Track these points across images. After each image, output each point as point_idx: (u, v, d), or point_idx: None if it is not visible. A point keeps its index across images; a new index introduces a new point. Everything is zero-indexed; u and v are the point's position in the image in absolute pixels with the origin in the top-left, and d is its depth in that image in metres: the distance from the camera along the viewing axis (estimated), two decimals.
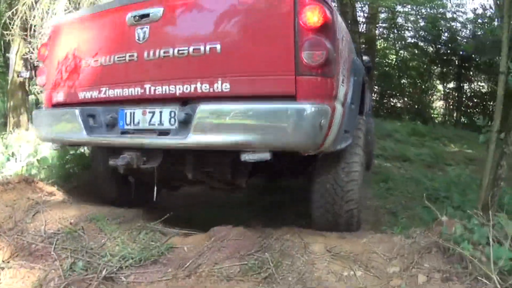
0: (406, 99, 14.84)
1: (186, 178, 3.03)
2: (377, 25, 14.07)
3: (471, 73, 14.21)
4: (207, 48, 2.40)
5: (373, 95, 12.85)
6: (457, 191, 5.31)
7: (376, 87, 14.45)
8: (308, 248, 2.70)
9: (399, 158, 8.29)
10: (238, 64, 2.36)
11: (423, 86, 15.42)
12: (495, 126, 2.51)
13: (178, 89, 2.49)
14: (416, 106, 14.96)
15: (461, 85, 14.15)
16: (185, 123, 2.45)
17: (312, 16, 2.24)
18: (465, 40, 12.83)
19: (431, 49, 14.66)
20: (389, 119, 12.75)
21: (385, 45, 16.65)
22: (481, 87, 14.57)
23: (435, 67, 15.12)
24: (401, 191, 5.88)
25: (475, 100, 14.42)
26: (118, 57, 2.67)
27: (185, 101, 2.53)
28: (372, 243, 2.74)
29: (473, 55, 13.34)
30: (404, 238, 2.73)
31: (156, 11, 2.55)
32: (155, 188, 3.03)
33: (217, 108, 2.35)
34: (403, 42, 15.46)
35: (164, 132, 2.57)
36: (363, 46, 12.74)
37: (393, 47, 16.02)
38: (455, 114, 14.81)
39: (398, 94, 15.21)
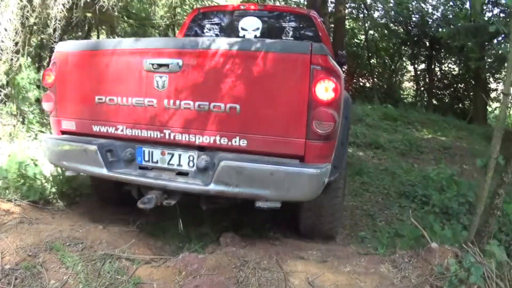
0: (375, 79, 14.68)
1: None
2: (346, 5, 13.70)
3: (442, 55, 14.10)
4: (227, 107, 2.63)
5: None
6: (434, 188, 5.18)
7: (345, 66, 14.22)
8: (289, 281, 2.48)
9: (372, 146, 8.13)
10: (255, 124, 2.62)
11: (393, 67, 15.26)
12: (494, 152, 2.30)
13: (198, 139, 2.72)
14: (385, 87, 14.84)
15: (432, 67, 14.02)
16: (204, 169, 2.75)
17: (325, 92, 2.51)
18: (436, 23, 12.64)
19: (402, 30, 14.45)
20: (358, 100, 12.56)
21: (354, 25, 16.37)
22: (451, 70, 14.51)
23: (406, 48, 14.97)
24: (376, 186, 5.74)
25: (445, 82, 14.37)
26: (136, 101, 2.83)
27: (203, 147, 2.77)
28: (358, 274, 2.54)
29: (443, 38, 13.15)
30: (391, 268, 2.54)
31: (175, 62, 2.70)
32: (180, 220, 3.19)
33: (239, 165, 2.59)
34: (372, 23, 15.19)
35: (182, 173, 2.83)
36: (332, 26, 12.40)
37: (362, 27, 15.75)
38: (425, 96, 14.75)
39: (367, 75, 15.03)
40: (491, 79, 12.82)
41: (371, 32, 15.45)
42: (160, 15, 13.07)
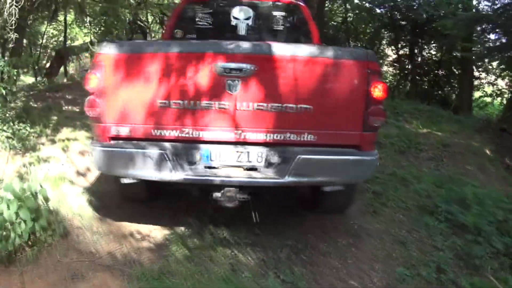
0: None
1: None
2: None
3: (424, 40, 13.59)
4: (299, 107, 2.92)
5: None
6: (454, 200, 4.76)
7: None
8: None
9: None
10: (323, 121, 2.96)
11: (376, 53, 14.62)
12: None
13: (268, 136, 2.95)
14: None
15: (414, 52, 13.49)
16: (273, 164, 2.96)
17: (378, 92, 2.94)
18: (422, 8, 12.00)
19: (382, 13, 13.85)
20: None
21: (331, 6, 15.56)
22: (432, 56, 14.06)
23: (386, 32, 14.34)
24: (392, 198, 5.18)
25: (425, 68, 13.92)
26: (206, 103, 2.89)
27: (272, 144, 2.98)
28: None
29: (427, 23, 12.66)
30: None
31: (249, 67, 2.84)
32: (253, 213, 3.47)
33: (314, 158, 2.93)
34: (353, 5, 14.48)
35: (252, 168, 3.01)
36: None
37: (340, 9, 14.96)
38: (404, 83, 14.28)
39: None
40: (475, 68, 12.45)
41: (350, 14, 14.63)
42: None
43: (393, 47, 14.24)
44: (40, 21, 15.52)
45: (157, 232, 3.84)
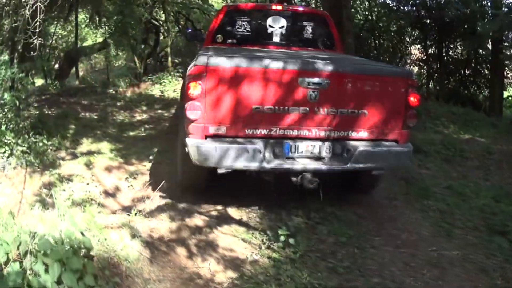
0: None
1: None
2: None
3: (450, 39, 12.95)
4: (359, 112, 3.80)
5: None
6: None
7: None
8: None
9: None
10: (374, 122, 3.85)
11: (401, 52, 14.01)
12: None
13: (335, 133, 3.79)
14: None
15: (442, 51, 12.84)
16: (337, 154, 3.80)
17: (414, 99, 3.86)
18: (451, 6, 11.40)
19: (409, 11, 13.25)
20: None
21: (353, 3, 14.87)
22: (459, 55, 13.43)
23: (410, 31, 13.74)
24: (457, 217, 4.67)
25: (451, 68, 13.29)
26: (291, 108, 3.64)
27: (337, 139, 3.81)
28: None
29: (454, 21, 12.05)
30: None
31: (326, 81, 3.65)
32: (321, 192, 4.10)
33: (368, 149, 3.80)
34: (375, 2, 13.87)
35: (320, 158, 3.81)
36: None
37: (362, 7, 14.35)
38: (433, 83, 13.63)
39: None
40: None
41: (373, 11, 13.99)
42: None
43: (419, 46, 13.56)
44: (49, 22, 15.06)
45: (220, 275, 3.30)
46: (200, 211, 4.34)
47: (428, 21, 12.85)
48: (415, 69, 14.38)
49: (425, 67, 13.84)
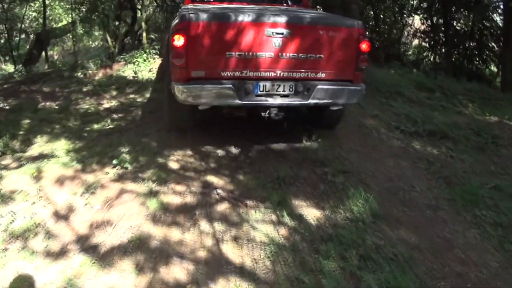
0: (380, 37, 11.84)
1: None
2: None
3: (456, 9, 11.50)
4: (316, 56, 4.18)
5: None
6: None
7: None
8: None
9: (437, 136, 5.69)
10: (330, 65, 4.23)
11: (402, 22, 12.51)
12: None
13: (296, 74, 4.17)
14: (394, 46, 12.10)
15: (448, 21, 11.37)
16: (299, 92, 4.22)
17: (365, 46, 4.25)
18: None
19: None
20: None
21: None
22: (462, 26, 12.01)
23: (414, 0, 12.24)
24: None
25: (455, 40, 11.88)
26: (259, 54, 4.05)
27: (299, 79, 4.20)
28: None
29: None
30: None
31: (287, 31, 4.04)
32: (285, 124, 5.04)
33: (325, 87, 4.21)
34: None
35: (284, 95, 4.23)
36: None
37: None
38: (435, 55, 12.23)
39: (372, 31, 12.15)
40: None
41: None
42: None
43: (421, 16, 12.07)
44: (18, 3, 13.26)
45: None
46: (179, 253, 2.96)
47: None
48: (415, 41, 12.93)
49: (426, 39, 12.36)
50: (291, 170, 4.31)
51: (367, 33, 4.48)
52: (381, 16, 12.25)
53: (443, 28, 11.77)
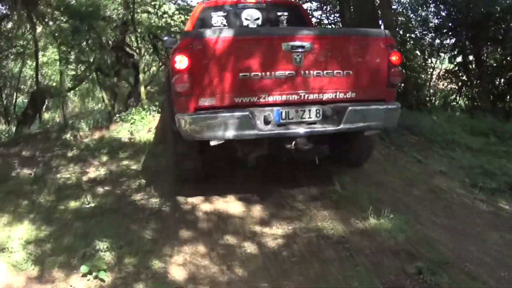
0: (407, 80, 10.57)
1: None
2: None
3: (479, 44, 10.28)
4: (344, 72, 3.57)
5: None
6: None
7: None
8: None
9: None
10: (360, 82, 3.62)
11: (429, 63, 11.23)
12: None
13: (323, 96, 3.56)
14: (422, 90, 10.76)
15: (480, 57, 10.10)
16: (326, 117, 3.58)
17: (396, 58, 3.68)
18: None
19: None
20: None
21: None
22: (492, 61, 10.73)
23: (439, 39, 11.06)
24: None
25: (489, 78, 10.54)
26: (277, 74, 3.43)
27: (324, 102, 3.59)
28: None
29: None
30: None
31: (308, 44, 3.45)
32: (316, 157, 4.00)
33: (357, 109, 3.54)
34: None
35: (311, 122, 3.57)
36: None
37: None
38: (463, 98, 10.92)
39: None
40: None
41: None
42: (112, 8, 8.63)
43: (449, 55, 10.80)
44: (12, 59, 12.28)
45: None
46: None
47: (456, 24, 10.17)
48: (441, 84, 11.59)
49: (454, 79, 11.04)
50: (367, 274, 2.72)
51: (394, 42, 3.86)
52: (403, 58, 10.92)
53: (472, 66, 10.52)
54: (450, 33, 10.64)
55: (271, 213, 3.59)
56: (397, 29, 10.00)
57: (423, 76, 11.28)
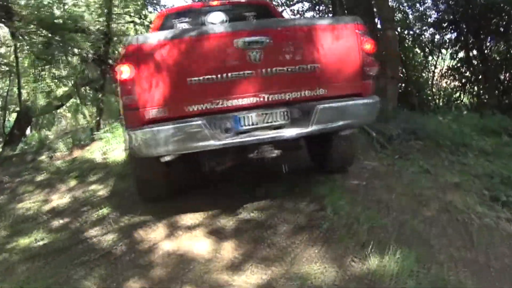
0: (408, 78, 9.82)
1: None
2: None
3: (482, 38, 9.58)
4: (310, 67, 3.13)
5: None
6: None
7: None
8: None
9: None
10: (330, 76, 3.18)
11: (432, 60, 10.54)
12: None
13: (288, 95, 3.11)
14: (424, 89, 10.04)
15: (484, 51, 9.41)
16: (294, 119, 3.14)
17: (369, 45, 3.20)
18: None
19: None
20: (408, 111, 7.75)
21: None
22: (495, 56, 10.03)
23: (439, 35, 10.37)
24: None
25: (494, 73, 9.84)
26: (233, 75, 3.01)
27: (291, 102, 3.14)
28: None
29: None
30: None
31: (266, 39, 3.02)
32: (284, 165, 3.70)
33: (328, 106, 3.11)
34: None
35: (277, 127, 3.14)
36: None
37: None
38: (462, 95, 10.23)
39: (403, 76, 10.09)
40: None
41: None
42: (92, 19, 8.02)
43: (450, 52, 10.10)
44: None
45: None
46: None
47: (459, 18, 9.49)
48: (444, 82, 10.86)
49: (457, 76, 10.30)
50: None
51: (365, 28, 3.34)
52: (403, 56, 10.20)
53: (476, 62, 9.81)
54: (450, 27, 10.01)
55: (245, 252, 2.81)
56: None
57: (424, 74, 10.62)
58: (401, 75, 9.95)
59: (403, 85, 9.90)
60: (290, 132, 3.12)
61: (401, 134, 5.19)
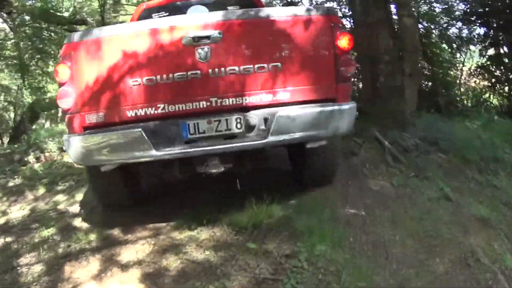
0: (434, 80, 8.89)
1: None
2: None
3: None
4: (270, 66, 2.71)
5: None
6: None
7: None
8: None
9: None
10: (294, 78, 2.75)
11: (453, 58, 9.55)
12: None
13: (245, 100, 2.72)
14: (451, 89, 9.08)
15: None
16: (250, 127, 2.73)
17: (345, 41, 2.76)
18: None
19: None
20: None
21: None
22: None
23: (467, 29, 9.32)
24: None
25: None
26: (179, 75, 2.70)
27: (247, 108, 2.74)
28: None
29: None
30: None
31: (216, 34, 2.66)
32: (238, 181, 3.31)
33: (292, 114, 2.69)
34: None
35: (230, 136, 2.77)
36: None
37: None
38: (492, 96, 9.25)
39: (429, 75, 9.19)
40: None
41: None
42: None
43: (480, 48, 9.09)
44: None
45: None
46: None
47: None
48: (472, 81, 9.86)
49: (486, 75, 9.29)
50: None
51: (341, 21, 2.89)
52: (429, 52, 9.25)
53: (506, 60, 8.79)
54: (479, 21, 8.99)
55: None
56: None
57: (451, 73, 9.63)
58: (427, 73, 9.09)
59: (430, 84, 9.02)
60: (243, 143, 2.75)
61: (420, 145, 4.36)
